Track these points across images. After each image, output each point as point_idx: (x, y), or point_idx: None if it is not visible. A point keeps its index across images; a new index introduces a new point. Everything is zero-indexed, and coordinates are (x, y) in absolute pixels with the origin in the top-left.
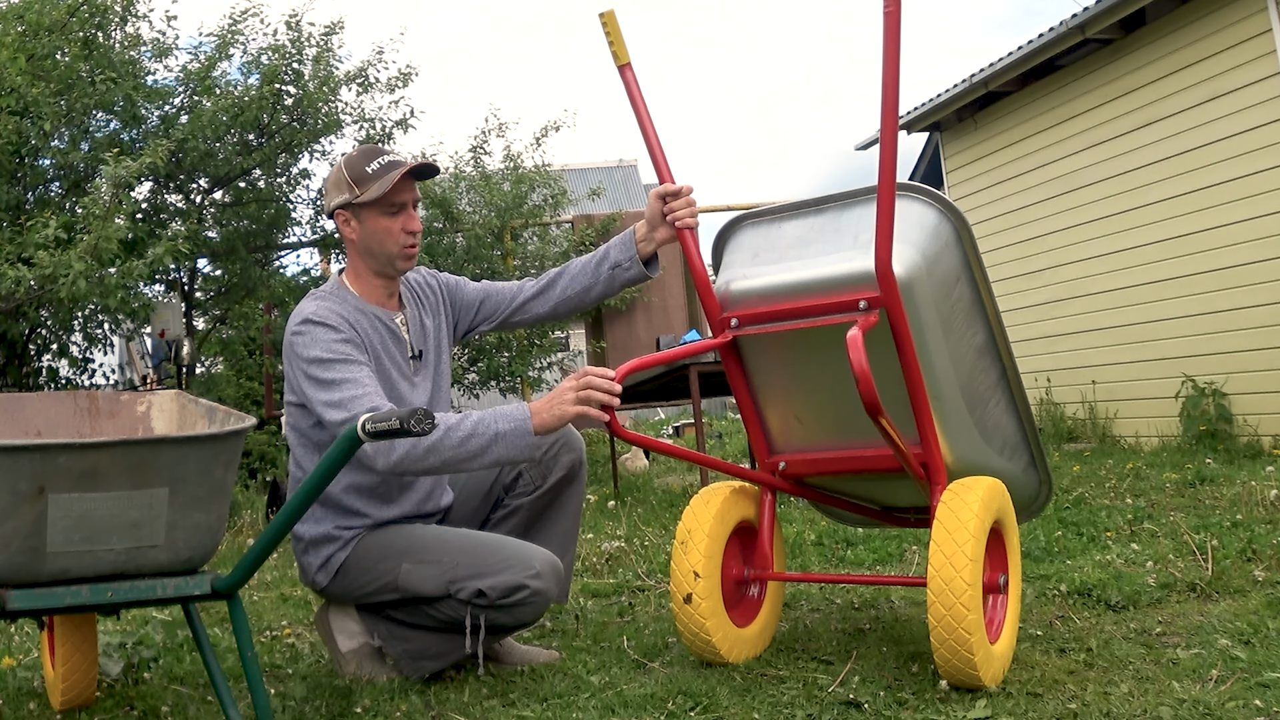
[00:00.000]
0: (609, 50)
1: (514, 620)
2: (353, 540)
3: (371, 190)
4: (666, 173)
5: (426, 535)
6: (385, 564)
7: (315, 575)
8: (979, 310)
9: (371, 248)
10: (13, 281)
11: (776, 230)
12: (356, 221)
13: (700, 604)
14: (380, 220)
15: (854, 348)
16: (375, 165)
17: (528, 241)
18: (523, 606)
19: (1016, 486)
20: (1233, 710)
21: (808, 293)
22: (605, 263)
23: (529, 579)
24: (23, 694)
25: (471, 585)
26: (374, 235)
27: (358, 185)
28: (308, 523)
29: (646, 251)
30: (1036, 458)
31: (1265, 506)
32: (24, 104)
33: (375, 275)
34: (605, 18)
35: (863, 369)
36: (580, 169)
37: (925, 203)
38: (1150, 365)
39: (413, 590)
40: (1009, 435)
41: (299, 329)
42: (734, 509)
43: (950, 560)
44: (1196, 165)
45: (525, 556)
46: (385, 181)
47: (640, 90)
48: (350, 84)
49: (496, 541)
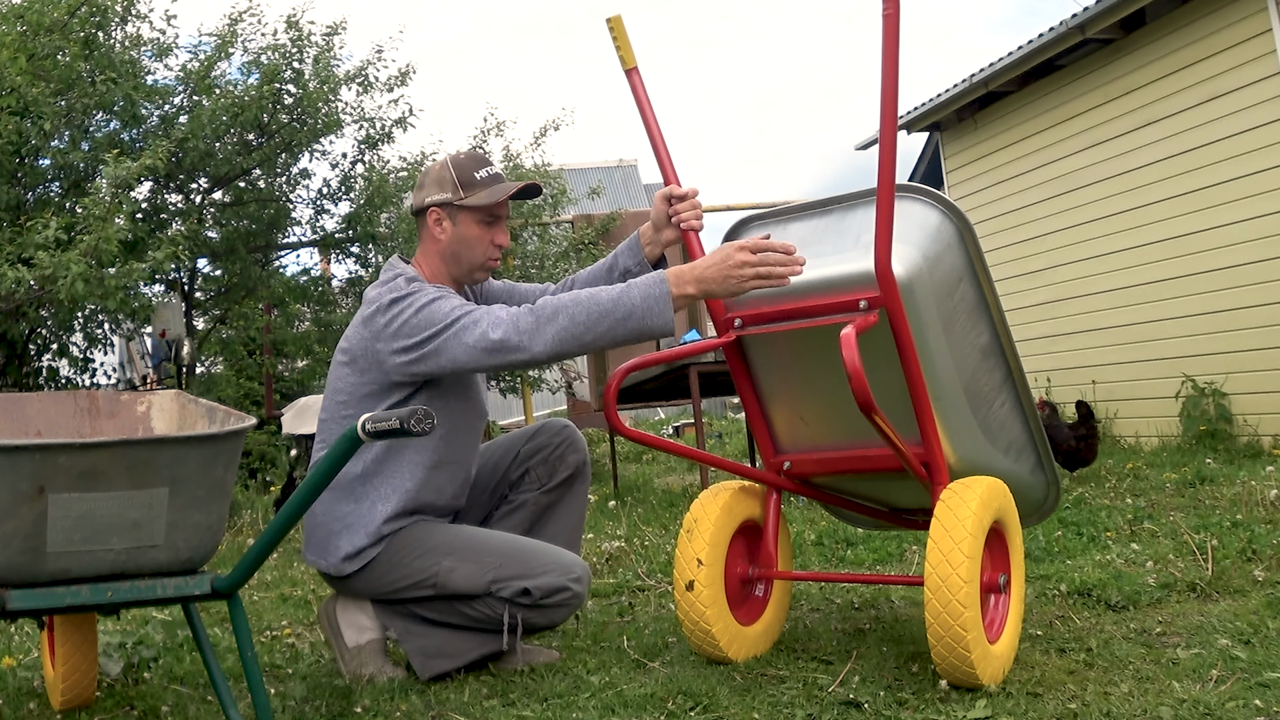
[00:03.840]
0: (616, 54)
1: (548, 621)
2: (390, 535)
3: (479, 197)
4: (672, 175)
5: (464, 535)
6: (423, 560)
7: (340, 562)
8: (983, 311)
9: (459, 252)
10: (13, 282)
11: (781, 232)
12: (450, 223)
13: (702, 592)
14: (475, 228)
15: (847, 346)
16: (484, 173)
17: (527, 241)
18: (560, 608)
19: (1024, 489)
20: (1233, 710)
21: (810, 293)
22: (615, 270)
23: (571, 582)
24: (23, 694)
25: (517, 584)
26: (465, 241)
27: (464, 188)
28: (347, 500)
29: (654, 254)
30: (1044, 459)
31: (1265, 506)
32: (24, 104)
33: (450, 280)
34: (612, 22)
35: (855, 367)
36: (580, 169)
37: (928, 204)
38: (1150, 365)
39: (452, 588)
40: (1015, 436)
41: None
42: (740, 505)
43: (947, 557)
44: (1196, 165)
45: (566, 561)
46: (496, 191)
47: (647, 93)
48: (350, 83)
49: (534, 545)
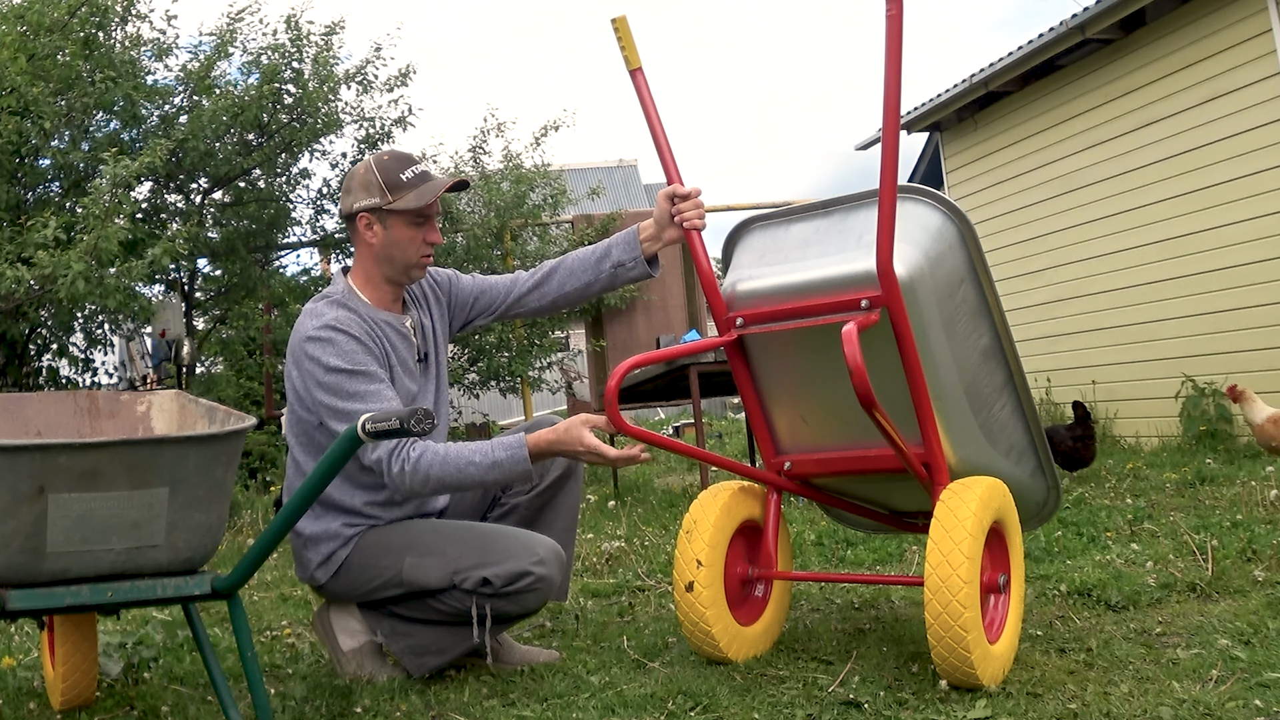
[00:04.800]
0: (621, 55)
1: (519, 608)
2: (354, 538)
3: (408, 199)
4: (676, 174)
5: (427, 529)
6: (388, 559)
7: (314, 572)
8: (984, 313)
9: (392, 255)
10: (13, 281)
11: (784, 232)
12: (380, 227)
13: (701, 593)
14: (406, 229)
15: (848, 342)
16: (409, 174)
17: (527, 241)
18: (527, 593)
19: (1024, 492)
20: (1233, 710)
21: (811, 293)
22: (607, 260)
23: (533, 565)
24: (23, 694)
25: (476, 574)
26: (397, 243)
27: (391, 191)
28: (308, 519)
29: (651, 251)
30: (1044, 463)
31: (1265, 506)
32: (24, 104)
33: (386, 281)
34: (617, 23)
35: (856, 363)
36: (580, 169)
37: (930, 205)
38: (1150, 365)
39: (417, 583)
40: (1016, 439)
41: (321, 335)
42: (741, 506)
43: (947, 558)
44: (1196, 165)
45: (528, 544)
46: (424, 192)
47: (651, 94)
48: (349, 83)
49: (498, 531)
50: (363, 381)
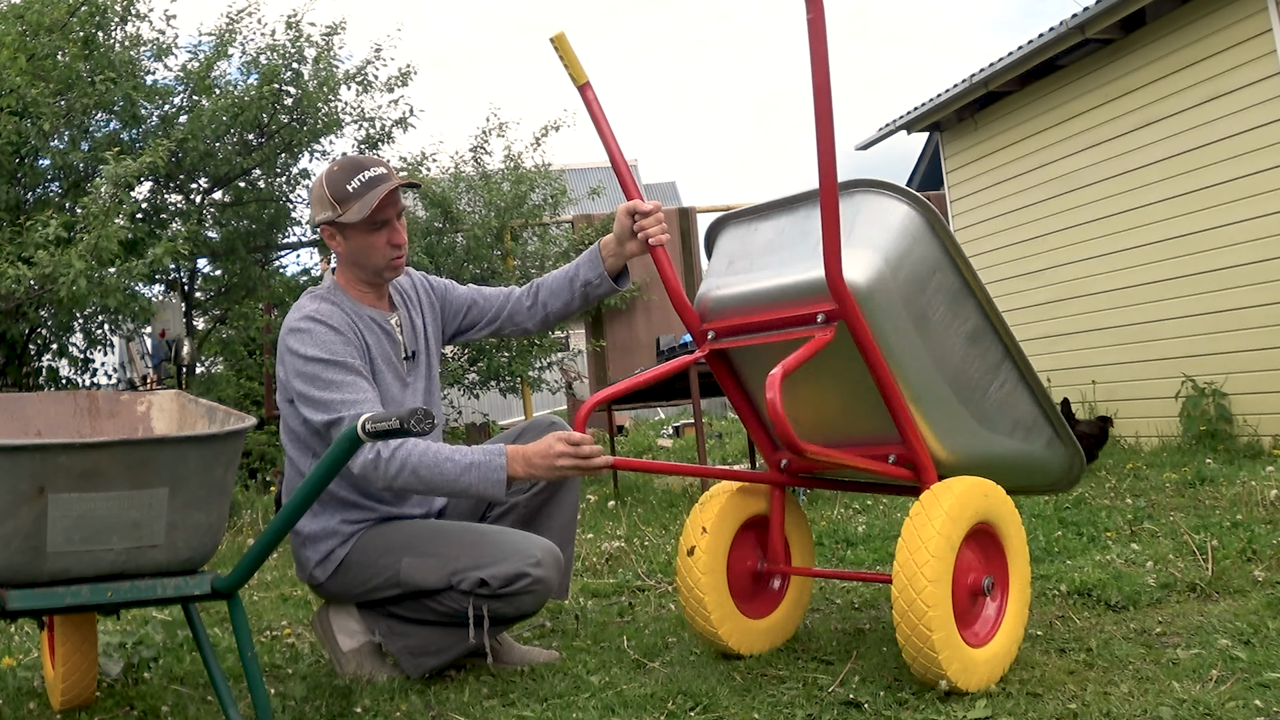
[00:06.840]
0: (566, 73)
1: (516, 610)
2: (353, 536)
3: (353, 211)
4: (634, 189)
5: (426, 529)
6: (386, 559)
7: (313, 570)
8: (966, 295)
9: (359, 261)
10: (13, 281)
11: (752, 233)
12: (341, 237)
13: (701, 558)
14: (365, 237)
15: (771, 387)
16: (356, 183)
17: (528, 241)
18: (524, 595)
19: (1040, 464)
20: (1233, 710)
21: (774, 302)
22: (577, 280)
23: (530, 567)
24: (23, 694)
25: (473, 575)
26: (360, 251)
27: (339, 204)
28: (307, 517)
29: (615, 266)
30: (1059, 432)
31: (1265, 506)
32: (24, 104)
33: (363, 282)
34: (556, 40)
35: (777, 414)
36: (580, 169)
37: (889, 196)
38: (1150, 365)
39: (414, 584)
40: (1022, 414)
41: (301, 325)
42: (753, 500)
43: (913, 556)
44: (1196, 165)
45: (526, 546)
46: (366, 203)
47: (602, 108)
48: (349, 83)
49: (496, 532)
50: (338, 371)
